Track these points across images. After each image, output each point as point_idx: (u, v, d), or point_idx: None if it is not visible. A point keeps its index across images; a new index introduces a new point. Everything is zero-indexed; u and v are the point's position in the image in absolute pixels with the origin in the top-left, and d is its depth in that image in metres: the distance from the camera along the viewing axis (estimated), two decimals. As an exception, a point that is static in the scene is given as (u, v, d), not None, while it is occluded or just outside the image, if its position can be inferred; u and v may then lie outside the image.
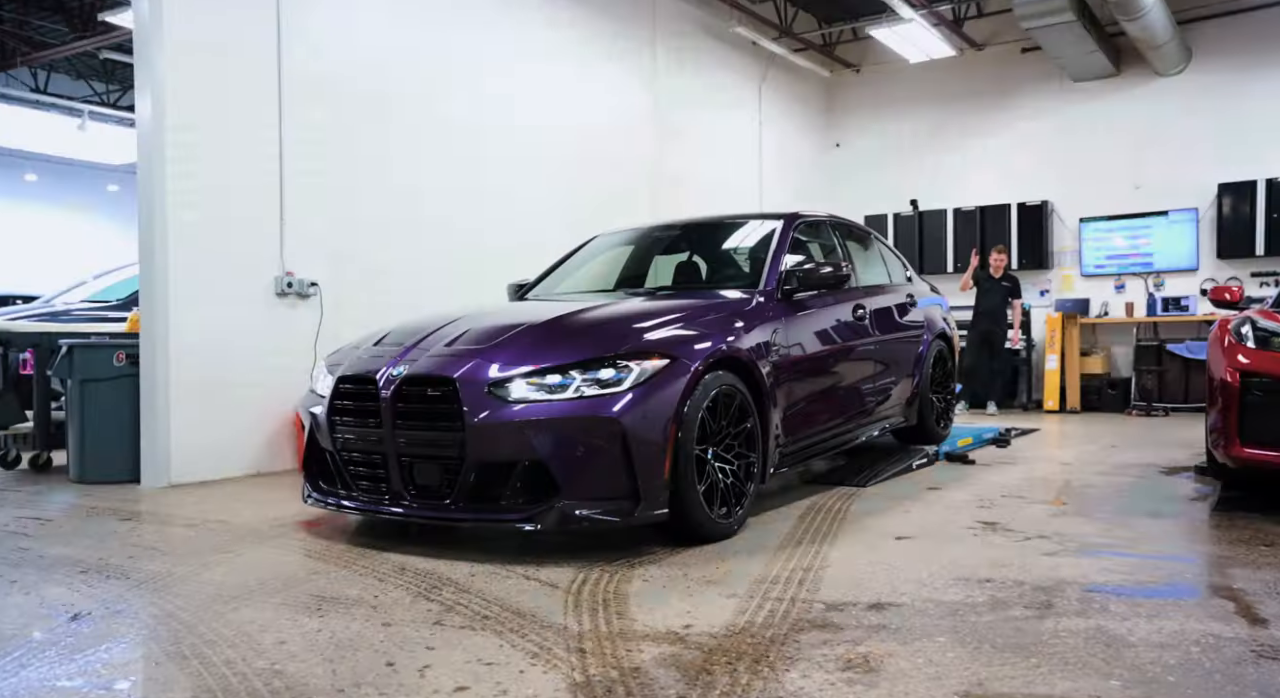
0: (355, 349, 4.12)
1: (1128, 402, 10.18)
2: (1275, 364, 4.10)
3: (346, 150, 6.39)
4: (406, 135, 6.84)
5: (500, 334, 3.75)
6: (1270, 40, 9.95)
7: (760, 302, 4.35)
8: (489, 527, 3.66)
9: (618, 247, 5.66)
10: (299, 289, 6.03)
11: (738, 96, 10.83)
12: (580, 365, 3.50)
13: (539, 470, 3.41)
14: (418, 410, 3.58)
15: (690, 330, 3.83)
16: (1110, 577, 3.07)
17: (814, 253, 5.36)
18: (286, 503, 4.83)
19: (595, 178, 8.61)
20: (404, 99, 6.81)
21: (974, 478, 5.35)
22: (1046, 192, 11.12)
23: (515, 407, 3.41)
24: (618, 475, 3.40)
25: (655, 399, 3.46)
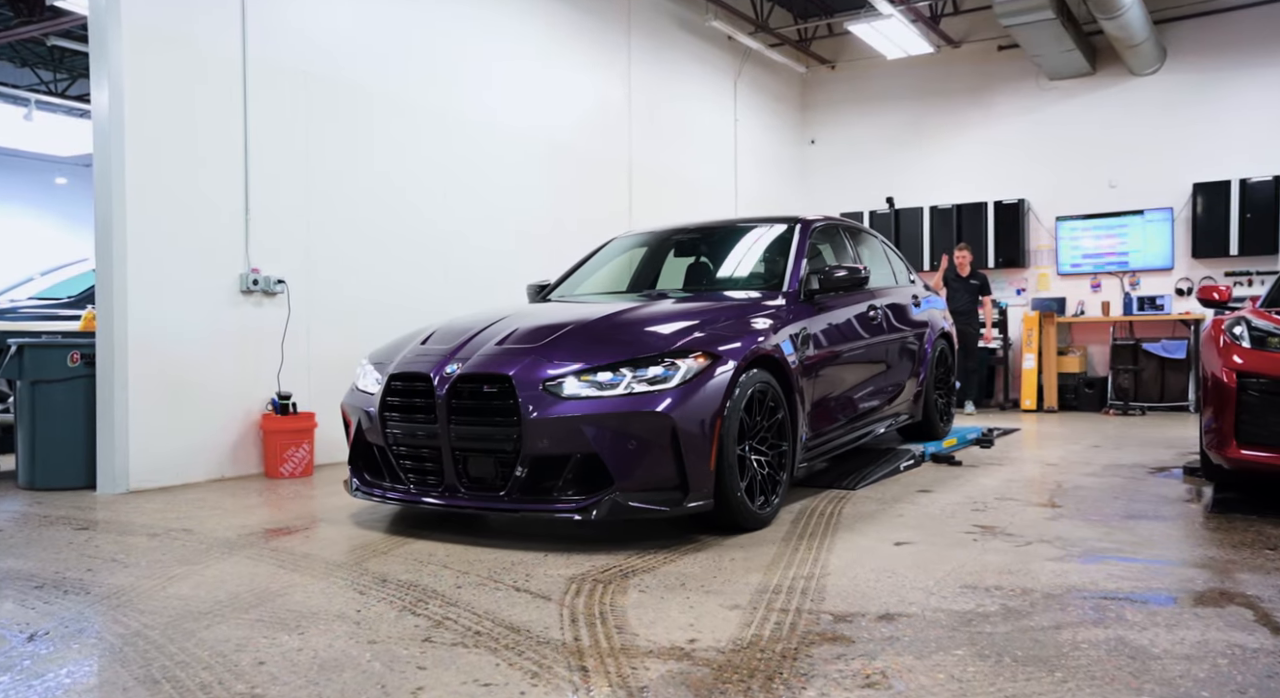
0: (399, 348, 4.30)
1: (1104, 401, 10.26)
2: (1272, 364, 4.10)
3: (316, 144, 6.21)
4: (379, 129, 6.67)
5: (549, 334, 3.94)
6: (1243, 41, 10.08)
7: (785, 303, 4.56)
8: (540, 517, 3.81)
9: (635, 248, 5.81)
10: (265, 286, 5.84)
11: (713, 92, 10.76)
12: (630, 363, 3.70)
13: (591, 463, 3.60)
14: (472, 406, 3.77)
15: (727, 330, 4.03)
16: (1120, 584, 3.02)
17: (826, 255, 5.40)
18: (255, 510, 4.66)
19: (571, 173, 8.49)
20: (375, 92, 6.64)
21: (963, 480, 5.31)
22: (1023, 190, 11.18)
23: (569, 403, 3.61)
24: (667, 468, 3.60)
25: (701, 395, 3.66)
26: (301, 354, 6.07)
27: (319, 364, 6.18)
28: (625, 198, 9.21)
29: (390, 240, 6.73)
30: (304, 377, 6.07)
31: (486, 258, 7.54)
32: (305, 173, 6.15)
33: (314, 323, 6.17)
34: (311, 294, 6.16)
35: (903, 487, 5.07)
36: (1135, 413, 9.80)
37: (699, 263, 5.54)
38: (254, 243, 5.82)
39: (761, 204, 11.52)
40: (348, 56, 6.46)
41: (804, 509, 4.42)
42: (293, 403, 5.82)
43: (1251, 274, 10.02)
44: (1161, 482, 5.20)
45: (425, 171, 7.02)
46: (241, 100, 5.77)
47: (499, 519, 4.27)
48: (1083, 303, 10.85)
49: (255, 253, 5.83)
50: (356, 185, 6.50)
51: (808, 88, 12.68)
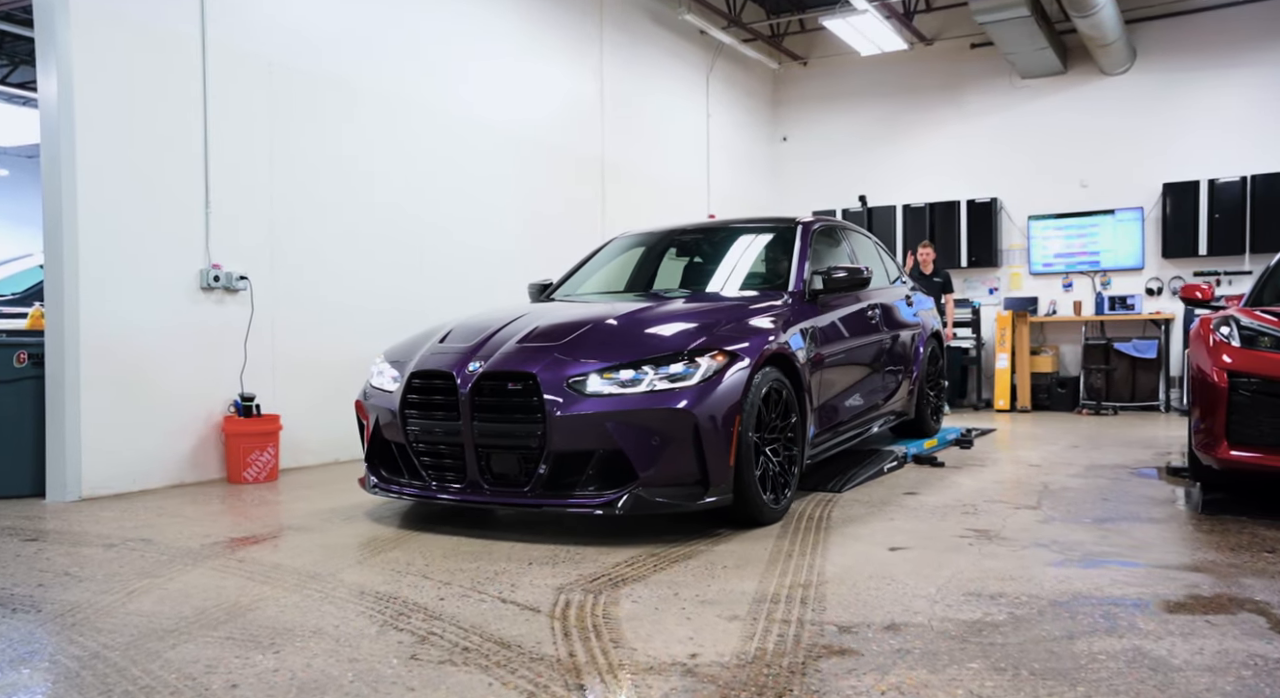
0: (416, 346, 4.37)
1: (1077, 401, 10.33)
2: (1263, 364, 4.09)
3: (281, 136, 6.01)
4: (347, 121, 6.48)
5: (570, 332, 4.04)
6: (1212, 43, 10.20)
7: (791, 302, 4.68)
8: (564, 512, 3.81)
9: (637, 248, 5.85)
10: (227, 283, 5.63)
11: (686, 88, 10.68)
12: (651, 362, 3.81)
13: (613, 459, 3.70)
14: (496, 403, 3.84)
15: (741, 329, 4.15)
16: (1126, 590, 2.97)
17: (822, 255, 5.39)
18: (218, 517, 4.48)
19: (543, 168, 8.35)
20: (342, 83, 6.45)
21: (947, 481, 5.27)
22: (996, 189, 11.23)
23: (593, 400, 3.71)
24: (689, 463, 3.72)
25: (721, 393, 3.77)
26: (266, 354, 5.88)
27: (284, 364, 5.99)
28: (598, 193, 9.08)
29: (359, 235, 6.55)
30: (268, 377, 5.87)
31: (459, 253, 7.38)
32: (270, 165, 5.95)
33: (279, 321, 5.98)
34: (277, 291, 5.96)
35: (888, 489, 5.01)
36: (1108, 413, 9.87)
37: (702, 263, 5.64)
38: (215, 237, 5.61)
39: (734, 202, 11.46)
40: (314, 45, 6.26)
41: (792, 513, 4.33)
42: (256, 405, 5.62)
43: (1220, 274, 10.14)
44: (1145, 483, 5.20)
45: (395, 165, 6.84)
46: (201, 88, 5.56)
47: (481, 523, 4.14)
48: (1054, 302, 10.93)
49: (216, 248, 5.62)
50: (324, 179, 6.31)
51: (780, 84, 12.64)
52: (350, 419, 6.41)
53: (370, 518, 4.39)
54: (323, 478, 5.71)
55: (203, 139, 5.56)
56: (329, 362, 6.29)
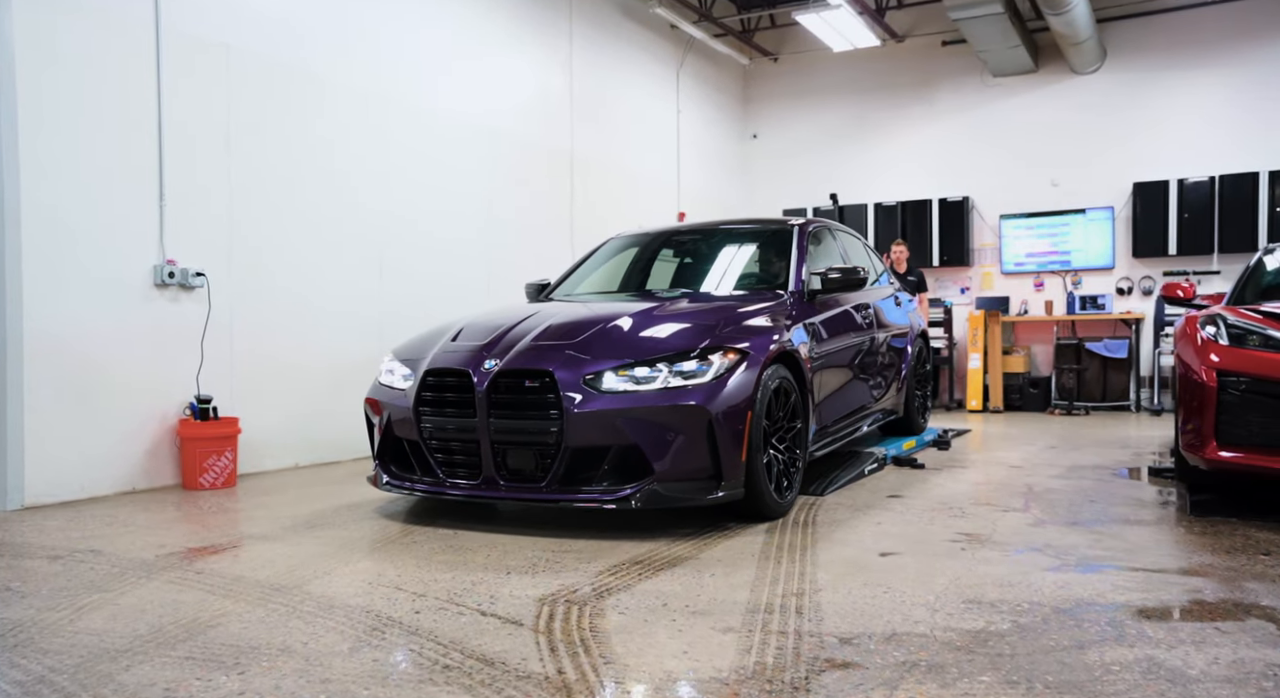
0: (426, 344, 4.44)
1: (1049, 401, 10.39)
2: (1253, 363, 4.07)
3: (240, 125, 5.80)
4: (309, 111, 6.27)
5: (583, 331, 4.15)
6: (1181, 43, 10.31)
7: (791, 302, 4.80)
8: (579, 506, 3.88)
9: (633, 249, 5.94)
10: (182, 280, 5.42)
11: (656, 83, 10.57)
12: (665, 359, 3.92)
13: (628, 455, 3.81)
14: (513, 400, 3.93)
15: (749, 328, 4.27)
16: (1129, 596, 2.91)
17: (815, 255, 5.45)
18: (174, 525, 4.29)
19: (511, 162, 8.20)
20: (304, 72, 6.25)
21: (930, 484, 5.21)
22: (967, 188, 11.27)
23: (610, 397, 3.81)
24: (703, 458, 3.83)
25: (733, 389, 3.89)
26: (223, 354, 5.67)
27: (243, 364, 5.79)
28: (567, 189, 8.95)
29: (323, 229, 6.35)
30: (226, 378, 5.66)
31: (426, 246, 7.21)
32: (228, 156, 5.74)
33: (238, 319, 5.77)
34: (235, 287, 5.75)
35: (871, 492, 4.94)
36: (1079, 413, 9.94)
37: (700, 264, 5.76)
38: (170, 232, 5.40)
39: (704, 200, 11.38)
40: (275, 32, 6.06)
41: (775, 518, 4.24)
42: (213, 407, 5.41)
43: (1189, 274, 10.25)
44: (1129, 484, 5.18)
45: (360, 157, 6.65)
46: (154, 73, 5.34)
47: (455, 531, 3.99)
48: (1026, 302, 10.98)
49: (172, 243, 5.41)
50: (286, 171, 6.11)
51: (750, 80, 12.59)
52: (313, 422, 6.27)
53: (336, 525, 4.23)
54: (284, 483, 5.52)
55: (156, 129, 5.35)
56: (291, 361, 6.09)
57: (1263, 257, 5.56)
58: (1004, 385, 10.44)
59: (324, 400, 6.32)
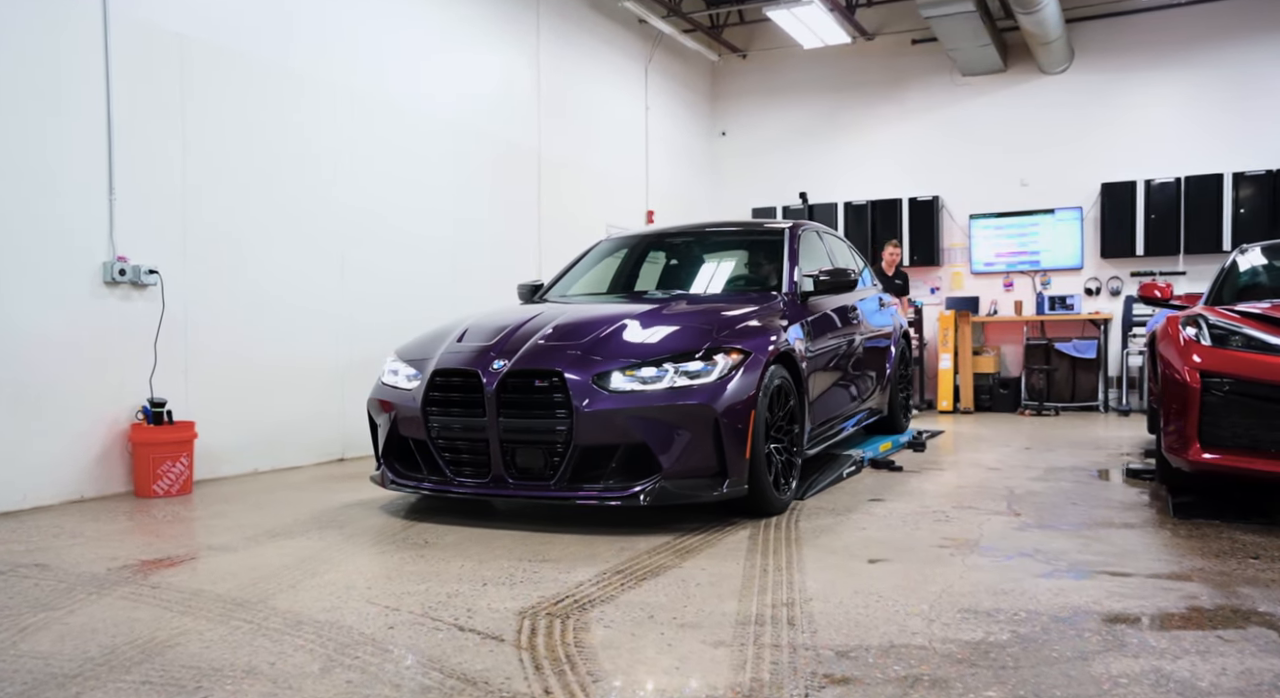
0: (431, 345, 4.53)
1: (1019, 401, 10.46)
2: (1236, 364, 4.07)
3: (195, 117, 5.60)
4: (268, 104, 6.09)
5: (589, 332, 4.26)
6: (1148, 44, 10.44)
7: (786, 303, 4.95)
8: (589, 504, 3.99)
9: (625, 251, 6.04)
10: (134, 277, 5.22)
11: (624, 79, 10.48)
12: (671, 359, 4.04)
13: (636, 453, 3.93)
14: (522, 400, 4.04)
15: (750, 329, 4.39)
16: (1126, 604, 2.87)
17: (802, 256, 5.55)
18: (126, 536, 4.11)
19: (476, 158, 8.06)
20: (262, 62, 6.06)
21: (909, 487, 5.18)
22: (937, 187, 11.31)
23: (619, 396, 3.93)
24: (709, 456, 3.96)
25: (738, 388, 4.02)
26: (178, 355, 5.48)
27: (199, 366, 5.60)
28: (534, 186, 8.82)
29: (283, 225, 6.17)
30: (181, 381, 5.47)
31: (391, 241, 7.05)
32: (183, 148, 5.54)
33: (194, 319, 5.58)
34: (191, 286, 5.56)
35: (851, 495, 4.89)
36: (1049, 413, 10.01)
37: (694, 266, 5.94)
38: (120, 227, 5.20)
39: (672, 198, 11.32)
40: (230, 20, 5.87)
41: (755, 522, 4.17)
42: (168, 411, 5.22)
43: (1155, 275, 10.37)
44: (1109, 486, 5.19)
45: (321, 152, 6.48)
46: (103, 61, 5.14)
47: (426, 540, 3.87)
48: (995, 302, 11.05)
49: (122, 238, 5.21)
50: (243, 164, 5.92)
51: (718, 77, 12.54)
52: (274, 425, 6.08)
53: (300, 535, 4.08)
54: (243, 490, 5.35)
55: (105, 120, 5.14)
56: (250, 362, 5.91)
57: (1238, 257, 5.60)
58: (974, 386, 10.49)
59: (285, 403, 6.14)
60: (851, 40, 10.91)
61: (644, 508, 4.49)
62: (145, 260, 5.30)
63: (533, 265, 8.73)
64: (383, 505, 4.77)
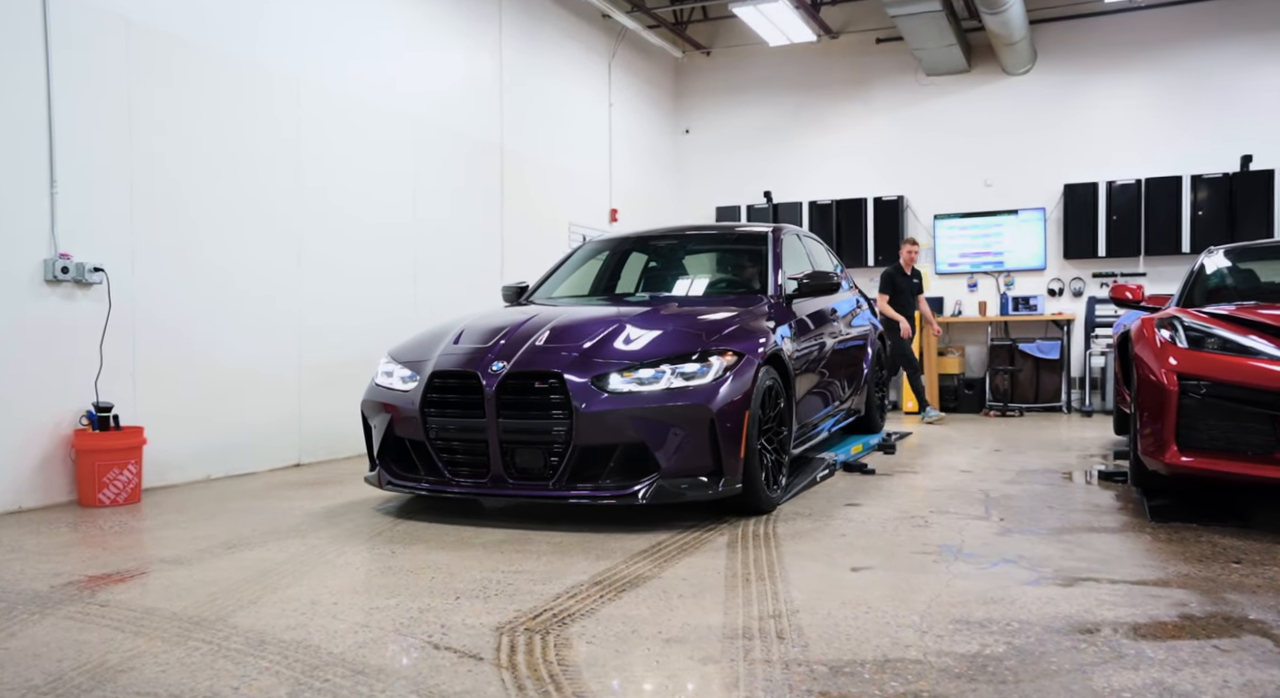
0: (426, 346, 4.60)
1: (984, 402, 10.54)
2: (1213, 367, 4.08)
3: (143, 106, 5.40)
4: (222, 94, 5.89)
5: (586, 334, 4.36)
6: (1109, 46, 10.57)
7: (772, 305, 5.06)
8: (587, 503, 4.10)
9: (609, 253, 6.14)
10: (78, 275, 5.02)
11: (587, 75, 10.38)
12: (667, 361, 4.15)
13: (634, 452, 4.03)
14: (522, 401, 4.12)
15: (742, 331, 4.49)
16: (1118, 612, 2.84)
17: (783, 260, 5.68)
18: (71, 550, 3.92)
19: (439, 152, 7.90)
20: (214, 50, 5.86)
21: (884, 490, 5.15)
22: (902, 186, 11.36)
23: (618, 397, 4.03)
24: (705, 455, 4.07)
25: (732, 389, 4.13)
26: (125, 357, 5.27)
27: (148, 368, 5.39)
28: (497, 181, 8.69)
29: (237, 221, 5.98)
30: (128, 383, 5.27)
31: (347, 240, 6.88)
32: (130, 139, 5.34)
33: (142, 319, 5.38)
34: (139, 284, 5.36)
35: (827, 499, 4.85)
36: (1014, 414, 10.10)
37: (679, 268, 6.14)
38: (63, 222, 4.99)
39: (636, 196, 11.25)
40: (180, 8, 5.66)
41: (734, 528, 4.11)
42: (114, 415, 5.02)
43: (1117, 275, 10.53)
44: (1082, 488, 5.21)
45: (276, 145, 6.29)
46: (42, 46, 4.92)
47: (393, 551, 3.74)
48: (960, 303, 11.12)
49: (65, 235, 4.99)
50: (195, 156, 5.72)
51: (682, 75, 12.49)
52: (227, 429, 5.89)
53: (258, 545, 3.93)
54: (195, 498, 5.16)
55: (45, 106, 4.93)
56: (202, 363, 5.72)
57: (1207, 259, 5.66)
58: (939, 387, 10.55)
59: (239, 406, 5.96)
60: (817, 38, 10.92)
61: (618, 512, 4.48)
62: (90, 257, 5.09)
63: (495, 263, 8.60)
64: (345, 513, 4.63)
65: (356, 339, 6.89)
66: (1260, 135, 9.91)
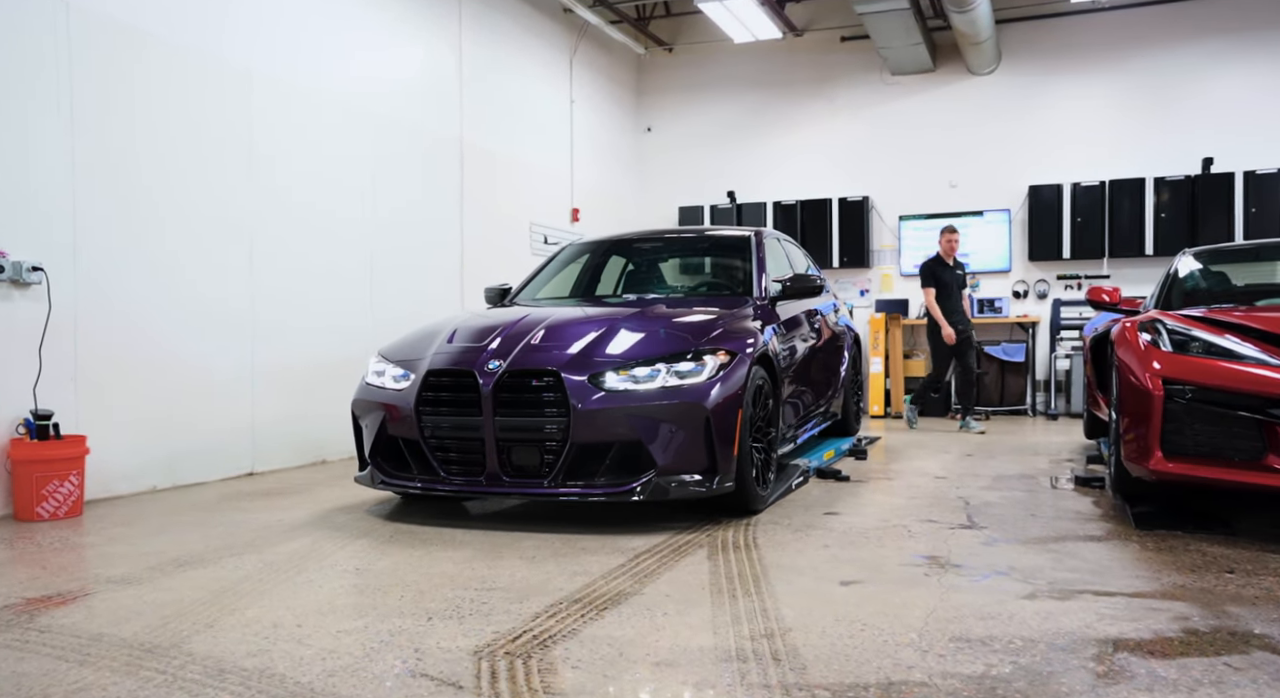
0: (420, 345, 4.63)
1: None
2: (1198, 371, 4.06)
3: (84, 96, 5.15)
4: (170, 86, 5.65)
5: (581, 333, 4.42)
6: (1074, 47, 10.67)
7: (758, 307, 5.12)
8: (583, 500, 4.16)
9: (592, 256, 6.21)
10: (14, 275, 4.77)
11: (548, 70, 10.22)
12: (663, 359, 4.22)
13: (629, 450, 4.09)
14: (519, 399, 4.17)
15: (734, 330, 4.58)
16: (1120, 627, 2.78)
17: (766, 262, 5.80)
18: (6, 569, 3.70)
19: (398, 147, 7.71)
20: (164, 42, 5.62)
21: (862, 498, 5.09)
22: (867, 187, 11.37)
23: (615, 395, 4.09)
24: (700, 453, 4.14)
25: (727, 388, 4.20)
26: (66, 361, 5.02)
27: (91, 373, 5.15)
28: (456, 178, 8.50)
29: (183, 218, 5.74)
30: (70, 390, 5.02)
31: (302, 237, 6.66)
32: (70, 129, 5.09)
33: (84, 321, 5.13)
34: (81, 284, 5.11)
35: (805, 508, 4.76)
36: (980, 417, 10.12)
37: (664, 270, 6.27)
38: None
39: (598, 195, 11.12)
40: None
41: (711, 540, 4.00)
42: (54, 424, 4.78)
43: (1081, 277, 10.63)
44: (1060, 494, 5.19)
45: (228, 137, 6.06)
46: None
47: (361, 565, 3.57)
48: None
49: (0, 232, 4.74)
50: (141, 148, 5.48)
51: (644, 71, 12.38)
52: (175, 437, 5.65)
53: (212, 562, 3.74)
54: (142, 511, 4.93)
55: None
56: (148, 368, 5.48)
57: (1182, 262, 5.67)
58: (904, 390, 10.55)
59: (189, 411, 5.72)
60: (782, 35, 10.88)
61: (588, 518, 4.42)
62: (28, 256, 4.84)
63: (455, 262, 8.42)
64: (303, 525, 4.45)
65: (312, 340, 6.68)
66: (1220, 138, 10.06)
